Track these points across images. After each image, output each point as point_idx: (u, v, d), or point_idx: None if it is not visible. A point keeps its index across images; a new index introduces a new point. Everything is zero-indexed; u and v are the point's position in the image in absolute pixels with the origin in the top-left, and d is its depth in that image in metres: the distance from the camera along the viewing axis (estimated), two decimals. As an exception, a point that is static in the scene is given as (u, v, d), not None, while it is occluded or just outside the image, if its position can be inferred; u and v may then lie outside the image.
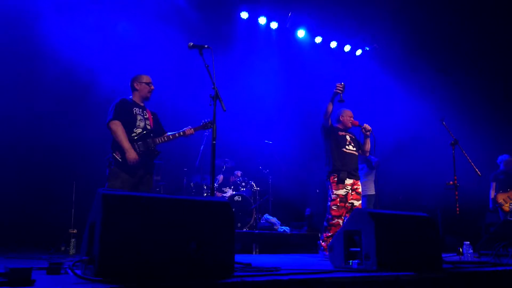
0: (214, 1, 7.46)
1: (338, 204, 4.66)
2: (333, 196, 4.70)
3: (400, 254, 2.77)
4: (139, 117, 4.04)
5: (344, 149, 4.78)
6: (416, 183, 7.49)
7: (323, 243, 4.74)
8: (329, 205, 4.71)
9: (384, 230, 2.73)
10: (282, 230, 6.62)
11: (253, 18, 7.97)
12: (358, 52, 9.04)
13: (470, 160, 5.15)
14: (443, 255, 3.57)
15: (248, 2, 7.75)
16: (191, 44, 3.58)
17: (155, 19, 6.79)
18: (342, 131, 4.90)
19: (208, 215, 2.18)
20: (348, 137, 4.87)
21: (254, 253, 5.84)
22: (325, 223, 4.77)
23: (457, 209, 5.08)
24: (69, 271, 2.05)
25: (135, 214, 1.95)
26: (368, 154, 5.09)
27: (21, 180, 5.75)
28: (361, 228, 2.79)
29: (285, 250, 6.19)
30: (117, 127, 3.88)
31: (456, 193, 5.12)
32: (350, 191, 4.72)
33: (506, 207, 6.79)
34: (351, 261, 2.82)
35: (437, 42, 8.24)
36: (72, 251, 4.88)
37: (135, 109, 4.05)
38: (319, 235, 5.03)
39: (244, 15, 7.78)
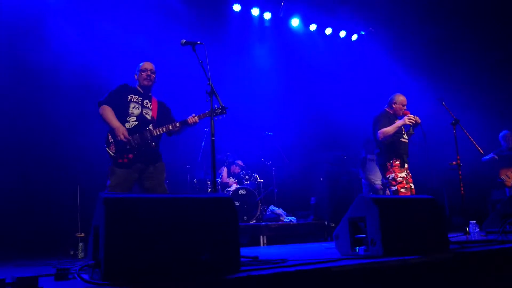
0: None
1: (406, 186, 4.71)
2: (398, 179, 4.70)
3: (406, 237, 2.77)
4: (133, 105, 3.90)
5: (402, 139, 4.87)
6: (419, 166, 7.47)
7: None
8: (396, 189, 4.67)
9: (388, 215, 2.72)
10: (288, 220, 6.64)
11: (245, 10, 7.91)
12: (354, 37, 8.97)
13: (472, 139, 5.13)
14: (450, 235, 3.57)
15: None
16: (184, 41, 3.56)
17: (145, 16, 6.74)
18: (396, 119, 4.92)
19: (211, 211, 2.18)
20: (402, 126, 4.90)
21: (261, 245, 5.86)
22: None
23: (462, 188, 5.07)
24: (77, 276, 2.06)
25: (137, 215, 1.95)
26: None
27: (25, 185, 5.75)
28: (365, 214, 2.79)
29: (292, 240, 6.22)
30: (104, 110, 3.82)
31: (460, 172, 5.11)
32: (407, 175, 4.81)
33: (509, 182, 6.78)
34: (357, 248, 2.82)
35: (432, 18, 8.14)
36: (80, 254, 4.90)
37: (131, 96, 3.93)
38: None
39: (237, 7, 7.73)
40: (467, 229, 4.74)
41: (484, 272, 2.72)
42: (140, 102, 3.96)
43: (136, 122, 3.88)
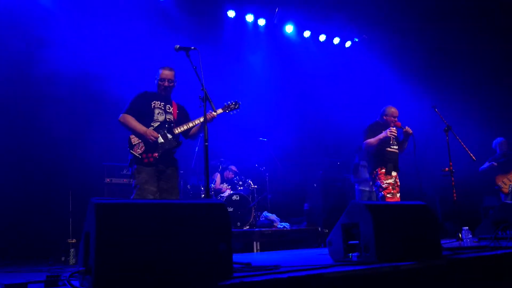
0: (200, 1, 7.43)
1: (392, 191, 4.83)
2: (384, 185, 4.85)
3: (399, 244, 2.77)
4: (157, 111, 3.98)
5: (388, 149, 4.99)
6: (412, 172, 7.51)
7: None
8: (382, 195, 4.84)
9: (381, 221, 2.72)
10: (282, 226, 6.63)
11: (240, 16, 7.94)
12: (348, 43, 9.03)
13: (464, 145, 5.16)
14: (443, 241, 3.59)
15: (234, 0, 7.71)
16: (178, 46, 3.57)
17: (140, 22, 6.74)
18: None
19: (204, 217, 2.17)
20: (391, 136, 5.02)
21: (255, 251, 5.83)
22: None
23: (454, 194, 5.09)
24: (67, 283, 2.03)
25: (129, 221, 1.93)
26: (402, 153, 5.28)
27: (16, 190, 5.68)
28: (358, 220, 2.79)
29: (286, 246, 6.20)
30: (125, 119, 3.89)
31: (452, 179, 5.13)
32: (395, 183, 4.91)
33: (506, 189, 6.83)
34: (350, 254, 2.82)
35: (425, 26, 8.21)
36: (72, 261, 4.86)
37: (154, 102, 4.00)
38: None
39: (231, 13, 7.75)
40: (460, 235, 4.76)
41: (477, 278, 2.72)
42: (163, 108, 4.04)
43: (159, 124, 3.98)
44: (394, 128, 4.95)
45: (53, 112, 5.91)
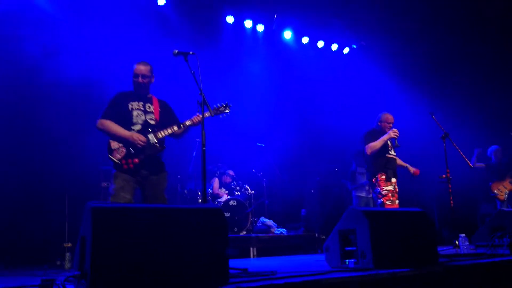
0: (199, 7, 7.45)
1: (391, 198, 4.83)
2: (384, 192, 4.86)
3: (396, 250, 2.77)
4: (136, 113, 3.76)
5: (388, 155, 5.01)
6: (409, 179, 7.52)
7: None
8: (381, 202, 4.84)
9: (378, 227, 2.72)
10: (279, 232, 6.61)
11: (239, 22, 7.96)
12: (346, 50, 9.07)
13: (462, 152, 5.18)
14: (440, 248, 3.58)
15: (233, 6, 7.74)
16: (176, 51, 3.54)
17: (140, 28, 6.75)
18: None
19: (200, 222, 2.16)
20: (389, 142, 5.03)
21: (251, 256, 5.81)
22: None
23: (451, 201, 5.10)
24: (62, 287, 2.02)
25: (125, 226, 1.93)
26: None
27: (12, 194, 5.64)
28: (355, 226, 2.78)
29: (283, 252, 6.19)
30: (104, 124, 3.69)
31: (449, 185, 5.14)
32: (394, 190, 4.92)
33: (501, 196, 6.85)
34: (347, 260, 2.81)
35: (423, 35, 8.26)
36: (67, 265, 4.83)
37: (131, 104, 3.77)
38: None
39: (230, 19, 7.78)
40: (457, 242, 4.76)
41: (473, 285, 2.72)
42: (142, 108, 3.82)
43: (140, 127, 3.77)
44: (396, 129, 4.97)
45: (51, 115, 5.88)
